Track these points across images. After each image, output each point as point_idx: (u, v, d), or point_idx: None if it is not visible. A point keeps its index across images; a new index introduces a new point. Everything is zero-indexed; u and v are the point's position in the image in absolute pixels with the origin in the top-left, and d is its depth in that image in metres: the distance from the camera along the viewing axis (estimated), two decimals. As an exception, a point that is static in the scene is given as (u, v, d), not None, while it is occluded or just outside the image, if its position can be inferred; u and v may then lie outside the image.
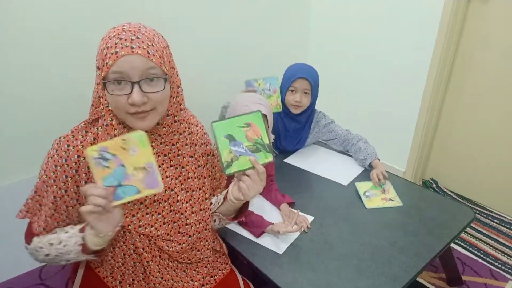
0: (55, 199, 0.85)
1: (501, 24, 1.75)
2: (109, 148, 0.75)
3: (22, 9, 1.37)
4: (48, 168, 0.83)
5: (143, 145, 0.76)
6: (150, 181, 0.76)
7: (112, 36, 0.75)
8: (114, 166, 0.75)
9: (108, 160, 0.75)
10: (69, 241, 0.83)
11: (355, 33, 2.24)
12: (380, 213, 1.29)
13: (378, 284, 1.01)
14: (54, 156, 0.83)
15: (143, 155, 0.76)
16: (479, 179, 2.07)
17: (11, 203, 1.56)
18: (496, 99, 1.87)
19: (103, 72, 0.75)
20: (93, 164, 0.74)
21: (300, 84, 1.49)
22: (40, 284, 1.58)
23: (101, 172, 0.74)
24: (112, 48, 0.74)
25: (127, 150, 0.75)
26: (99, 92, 0.81)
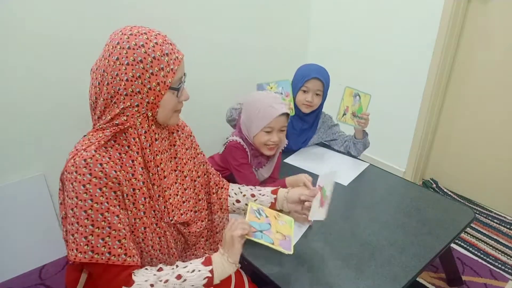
0: (119, 219, 0.80)
1: (501, 24, 1.75)
2: (265, 210, 1.00)
3: (22, 10, 1.37)
4: (94, 195, 0.77)
5: (290, 225, 1.01)
6: (285, 244, 0.94)
7: (160, 42, 0.79)
8: (263, 221, 0.96)
9: (261, 215, 0.98)
10: (192, 276, 0.82)
11: (355, 33, 2.24)
12: (380, 213, 1.29)
13: (378, 284, 1.01)
14: (92, 180, 0.77)
15: (287, 229, 0.99)
16: (479, 179, 2.07)
17: (11, 203, 1.56)
18: (496, 99, 1.87)
19: (169, 78, 0.81)
20: (250, 211, 0.97)
21: (313, 85, 1.51)
22: (40, 284, 1.58)
23: (253, 218, 0.96)
24: (172, 54, 0.81)
25: (277, 220, 0.99)
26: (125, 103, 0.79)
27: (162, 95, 0.82)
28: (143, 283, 0.79)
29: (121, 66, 0.77)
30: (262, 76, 1.67)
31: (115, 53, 0.78)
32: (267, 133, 1.24)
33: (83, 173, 0.76)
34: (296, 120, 1.62)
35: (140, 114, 0.81)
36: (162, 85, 0.80)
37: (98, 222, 0.77)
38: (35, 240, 1.64)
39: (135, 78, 0.78)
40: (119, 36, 0.80)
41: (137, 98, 0.79)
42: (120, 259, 0.79)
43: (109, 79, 0.79)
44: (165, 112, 0.85)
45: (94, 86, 0.83)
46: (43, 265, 1.67)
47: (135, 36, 0.79)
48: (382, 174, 1.55)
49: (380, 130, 2.26)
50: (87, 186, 0.76)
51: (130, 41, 0.78)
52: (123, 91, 0.78)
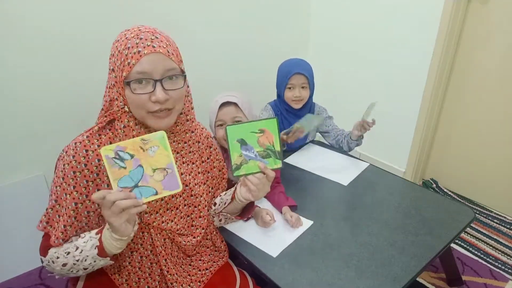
0: (76, 206, 0.82)
1: (501, 25, 1.75)
2: (126, 148, 0.73)
3: (22, 10, 1.37)
4: (66, 175, 0.81)
5: (164, 146, 0.75)
6: (170, 182, 0.76)
7: (130, 37, 0.78)
8: (132, 167, 0.74)
9: (124, 160, 0.73)
10: (86, 246, 0.80)
11: (355, 33, 2.24)
12: (380, 213, 1.29)
13: (378, 284, 1.01)
14: (72, 162, 0.80)
15: (163, 156, 0.75)
16: (479, 179, 2.07)
17: (11, 203, 1.56)
18: (496, 99, 1.87)
19: (125, 72, 0.77)
20: (108, 164, 0.72)
21: (297, 80, 1.52)
22: (40, 284, 1.58)
23: (117, 173, 0.73)
24: (134, 48, 0.76)
25: (146, 150, 0.74)
26: (112, 95, 0.82)
27: (123, 89, 0.79)
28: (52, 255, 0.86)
29: (109, 58, 0.82)
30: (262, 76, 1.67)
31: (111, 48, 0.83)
32: (221, 127, 1.28)
33: (69, 154, 0.81)
34: (292, 118, 1.62)
35: (119, 108, 0.82)
36: (119, 79, 0.79)
37: (61, 200, 0.83)
38: (35, 240, 1.63)
39: (110, 71, 0.81)
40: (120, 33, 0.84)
41: (113, 91, 0.82)
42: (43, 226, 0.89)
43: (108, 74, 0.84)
44: (134, 110, 0.81)
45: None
46: (43, 265, 1.67)
47: (124, 31, 0.81)
48: (382, 174, 1.55)
49: (380, 130, 2.26)
50: (65, 166, 0.81)
51: (118, 36, 0.82)
52: (108, 83, 0.83)
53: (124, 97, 0.80)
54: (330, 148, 1.74)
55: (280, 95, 1.59)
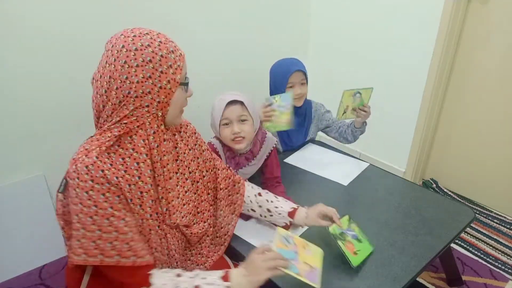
0: (126, 222, 0.80)
1: (501, 25, 1.75)
2: (294, 238, 0.98)
3: (22, 10, 1.37)
4: (98, 201, 0.76)
5: (319, 256, 0.99)
6: (312, 275, 0.91)
7: (163, 40, 0.80)
8: (291, 249, 0.94)
9: (289, 243, 0.96)
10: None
11: (355, 33, 2.24)
12: (380, 213, 1.29)
13: (378, 284, 1.01)
14: (94, 187, 0.76)
15: (315, 260, 0.96)
16: (479, 179, 2.07)
17: (11, 203, 1.56)
18: (496, 99, 1.87)
19: (178, 75, 0.82)
20: (278, 238, 0.95)
21: (296, 77, 1.53)
22: (40, 284, 1.58)
23: (280, 244, 0.94)
24: (177, 51, 0.82)
25: (305, 249, 0.98)
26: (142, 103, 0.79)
27: (173, 93, 0.82)
28: (161, 286, 0.80)
29: (130, 68, 0.76)
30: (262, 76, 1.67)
31: (122, 56, 0.77)
32: (226, 125, 1.25)
33: (85, 179, 0.75)
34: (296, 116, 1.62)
35: (150, 114, 0.81)
36: (173, 82, 0.81)
37: (104, 227, 0.77)
38: (35, 240, 1.64)
39: (146, 78, 0.77)
40: (122, 40, 0.79)
41: (147, 99, 0.79)
42: (130, 260, 0.79)
43: (118, 83, 0.77)
44: (175, 111, 0.86)
45: (100, 95, 0.80)
46: (43, 265, 1.67)
47: (139, 37, 0.78)
48: (382, 174, 1.55)
49: (380, 130, 2.27)
50: (90, 193, 0.76)
51: (136, 42, 0.77)
52: (133, 93, 0.78)
53: (164, 102, 0.82)
54: (330, 148, 1.74)
55: None
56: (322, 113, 1.72)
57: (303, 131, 1.71)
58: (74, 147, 1.84)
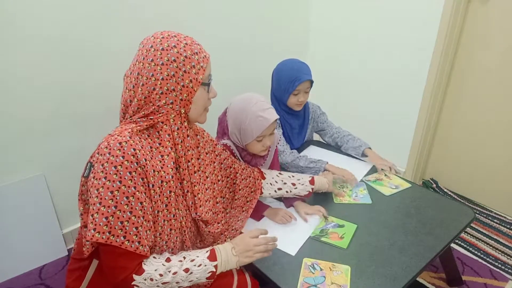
0: (142, 206, 0.81)
1: (501, 25, 1.75)
2: (320, 264, 1.07)
3: (23, 10, 1.37)
4: (123, 177, 0.78)
5: (346, 273, 1.04)
6: None
7: (189, 42, 0.87)
8: (318, 275, 1.03)
9: (315, 269, 1.04)
10: (198, 270, 0.86)
11: (355, 33, 2.24)
12: (380, 213, 1.29)
13: (378, 284, 1.01)
14: (124, 163, 0.78)
15: (343, 279, 1.02)
16: (479, 179, 2.07)
17: (11, 203, 1.56)
18: (496, 99, 1.87)
19: (201, 75, 0.87)
20: (304, 267, 1.05)
21: (303, 86, 1.51)
22: (40, 284, 1.58)
23: (307, 274, 1.03)
24: (201, 53, 0.88)
25: (332, 271, 1.04)
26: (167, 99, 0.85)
27: (195, 92, 0.88)
28: (152, 272, 0.81)
29: (156, 66, 0.83)
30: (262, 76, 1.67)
31: (150, 55, 0.84)
32: (259, 141, 1.21)
33: (117, 154, 0.78)
34: (293, 119, 1.63)
35: (174, 111, 0.87)
36: (195, 81, 0.87)
37: (121, 205, 0.78)
38: (35, 240, 1.64)
39: (170, 76, 0.84)
40: (151, 40, 0.86)
41: (172, 96, 0.85)
42: (133, 245, 0.80)
43: (144, 80, 0.84)
44: (197, 109, 0.91)
45: (128, 89, 0.87)
46: (43, 265, 1.67)
47: (167, 39, 0.86)
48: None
49: (380, 130, 2.27)
50: (118, 168, 0.78)
51: (163, 43, 0.85)
52: (158, 90, 0.84)
53: (187, 100, 0.87)
54: (331, 149, 1.73)
55: (282, 100, 1.54)
56: (318, 115, 1.73)
57: (303, 133, 1.71)
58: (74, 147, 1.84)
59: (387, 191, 1.42)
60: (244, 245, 0.93)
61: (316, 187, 1.31)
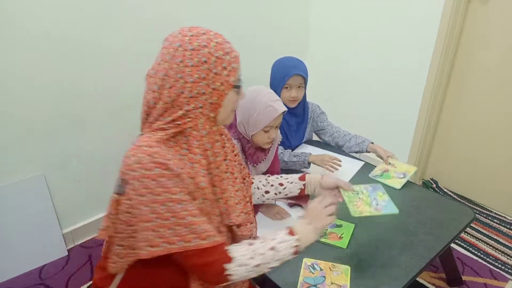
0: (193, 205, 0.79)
1: (501, 25, 1.75)
2: (320, 264, 1.07)
3: (23, 10, 1.37)
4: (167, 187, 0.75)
5: (346, 274, 1.04)
6: None
7: (220, 41, 0.80)
8: (318, 275, 1.04)
9: (315, 269, 1.05)
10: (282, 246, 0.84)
11: (355, 33, 2.24)
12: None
13: (378, 284, 1.01)
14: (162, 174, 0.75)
15: (343, 279, 1.02)
16: (479, 179, 2.07)
17: (11, 203, 1.56)
18: (496, 99, 1.87)
19: (232, 77, 0.81)
20: (304, 268, 1.06)
21: (295, 80, 1.53)
22: (40, 284, 1.58)
23: (307, 274, 1.04)
24: (232, 52, 0.81)
25: (332, 271, 1.05)
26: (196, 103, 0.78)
27: (226, 94, 0.81)
28: (242, 258, 0.81)
29: (186, 68, 0.76)
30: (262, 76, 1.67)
31: (178, 55, 0.77)
32: (265, 132, 1.23)
33: (150, 168, 0.73)
34: (290, 117, 1.63)
35: (203, 115, 0.80)
36: (226, 84, 0.80)
37: (178, 212, 0.76)
38: (35, 240, 1.64)
39: (201, 79, 0.77)
40: (179, 38, 0.78)
41: (201, 100, 0.78)
42: (210, 240, 0.78)
43: (172, 82, 0.77)
44: (226, 112, 0.85)
45: (152, 91, 0.79)
46: (43, 265, 1.67)
47: (196, 37, 0.78)
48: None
49: (380, 130, 2.27)
50: (158, 180, 0.74)
51: (193, 42, 0.77)
52: (188, 93, 0.77)
53: (217, 103, 0.81)
54: (326, 147, 1.73)
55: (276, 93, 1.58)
56: (317, 114, 1.73)
57: (301, 132, 1.71)
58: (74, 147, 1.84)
59: (397, 183, 1.42)
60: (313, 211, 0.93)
61: (308, 181, 1.17)
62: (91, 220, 1.84)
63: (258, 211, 1.31)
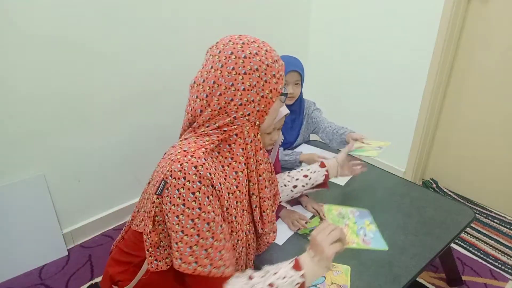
0: (222, 229, 0.78)
1: (501, 24, 1.75)
2: None
3: (23, 10, 1.37)
4: (202, 204, 0.74)
5: (346, 273, 1.03)
6: None
7: (269, 49, 0.81)
8: None
9: None
10: (284, 282, 0.77)
11: (355, 33, 2.24)
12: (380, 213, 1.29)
13: (378, 284, 1.01)
14: (202, 188, 0.74)
15: (343, 279, 1.02)
16: (479, 179, 2.07)
17: (11, 203, 1.56)
18: (496, 99, 1.87)
19: (280, 85, 0.81)
20: None
21: (291, 77, 1.53)
22: (40, 284, 1.58)
23: None
24: (279, 61, 0.82)
25: (333, 271, 1.04)
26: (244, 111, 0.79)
27: (273, 102, 0.82)
28: None
29: (238, 75, 0.77)
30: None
31: (230, 63, 0.77)
32: (268, 134, 1.23)
33: (193, 180, 0.73)
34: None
35: (249, 122, 0.80)
36: (274, 91, 0.81)
37: (203, 232, 0.75)
38: (35, 240, 1.64)
39: (252, 87, 0.78)
40: (231, 46, 0.79)
41: (250, 107, 0.79)
42: (220, 271, 0.77)
43: (222, 89, 0.77)
44: (270, 120, 0.85)
45: (200, 99, 0.79)
46: (43, 265, 1.67)
47: (247, 45, 0.79)
48: (382, 174, 1.55)
49: (380, 130, 2.27)
50: (196, 194, 0.73)
51: (245, 50, 0.78)
52: (238, 101, 0.77)
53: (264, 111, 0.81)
54: (326, 147, 1.73)
55: None
56: (311, 110, 1.72)
57: (296, 129, 1.71)
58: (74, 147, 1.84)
59: (373, 153, 1.31)
60: (315, 243, 0.82)
61: (329, 166, 1.22)
62: (91, 220, 1.84)
63: (278, 216, 1.30)
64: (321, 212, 1.28)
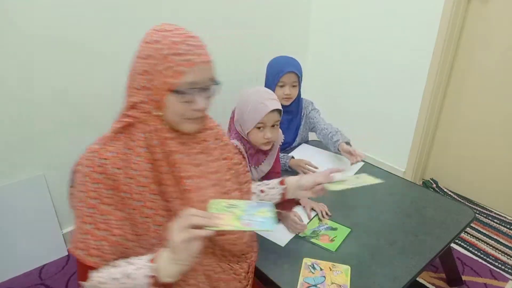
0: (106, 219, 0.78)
1: (501, 24, 1.75)
2: (320, 264, 1.07)
3: (23, 10, 1.38)
4: (89, 188, 0.76)
5: (346, 273, 1.04)
6: None
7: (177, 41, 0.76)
8: (318, 275, 1.04)
9: (315, 269, 1.06)
10: (137, 274, 0.74)
11: (355, 33, 2.24)
12: (380, 213, 1.29)
13: (378, 284, 1.01)
14: (91, 174, 0.76)
15: (343, 279, 1.03)
16: (479, 179, 2.07)
17: (11, 203, 1.56)
18: (496, 99, 1.87)
19: (175, 79, 0.75)
20: (304, 267, 1.06)
21: (288, 78, 1.54)
22: (40, 284, 1.58)
23: (307, 273, 1.04)
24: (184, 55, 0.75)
25: (333, 271, 1.05)
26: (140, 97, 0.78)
27: (164, 96, 0.78)
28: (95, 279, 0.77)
29: (137, 59, 0.79)
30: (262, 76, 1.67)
31: (138, 47, 0.80)
32: (259, 129, 1.23)
33: (86, 164, 0.78)
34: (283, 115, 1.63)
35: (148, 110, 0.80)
36: (166, 85, 0.77)
37: (86, 217, 0.77)
38: (35, 240, 1.64)
39: (146, 73, 0.77)
40: (149, 32, 0.80)
41: (145, 94, 0.78)
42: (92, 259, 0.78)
43: (129, 71, 0.81)
44: (172, 116, 0.81)
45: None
46: (43, 265, 1.67)
47: (158, 32, 0.78)
48: (382, 174, 1.55)
49: (380, 130, 2.27)
50: (85, 179, 0.77)
51: (153, 36, 0.77)
52: (136, 84, 0.79)
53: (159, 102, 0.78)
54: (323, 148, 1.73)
55: None
56: (309, 110, 1.72)
57: (293, 129, 1.71)
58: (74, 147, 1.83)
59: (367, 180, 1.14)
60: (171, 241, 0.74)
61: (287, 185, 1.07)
62: (91, 220, 1.84)
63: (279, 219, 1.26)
64: (320, 213, 1.28)
